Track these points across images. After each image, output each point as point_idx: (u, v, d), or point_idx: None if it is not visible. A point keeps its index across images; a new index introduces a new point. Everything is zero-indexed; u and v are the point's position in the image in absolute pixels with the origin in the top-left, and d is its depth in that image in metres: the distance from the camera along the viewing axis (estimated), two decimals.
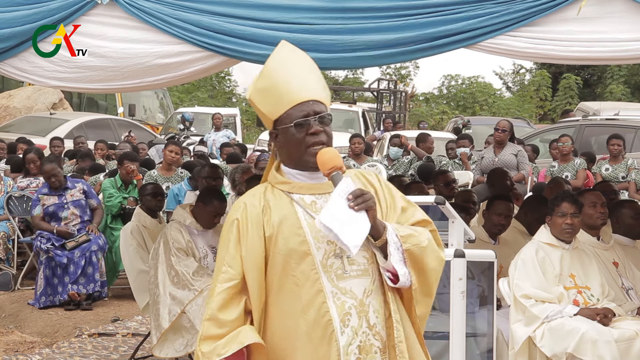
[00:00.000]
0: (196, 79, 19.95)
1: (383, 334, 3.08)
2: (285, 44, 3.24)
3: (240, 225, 3.11)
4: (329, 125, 3.12)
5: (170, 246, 6.32)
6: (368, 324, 3.06)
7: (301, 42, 4.78)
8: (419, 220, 3.15)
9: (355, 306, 3.06)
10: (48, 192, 9.06)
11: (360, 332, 3.06)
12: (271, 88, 3.15)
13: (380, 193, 3.16)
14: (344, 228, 2.97)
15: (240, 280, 3.10)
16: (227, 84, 39.17)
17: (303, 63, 3.19)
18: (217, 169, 9.06)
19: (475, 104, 35.89)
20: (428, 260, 3.08)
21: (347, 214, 2.98)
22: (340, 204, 2.99)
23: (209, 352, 3.05)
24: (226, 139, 17.20)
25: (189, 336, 6.23)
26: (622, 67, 32.08)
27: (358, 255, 3.06)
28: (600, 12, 4.54)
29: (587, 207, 5.93)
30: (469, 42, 4.73)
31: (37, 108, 20.44)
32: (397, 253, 3.04)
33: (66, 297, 8.69)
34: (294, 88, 3.11)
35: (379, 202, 3.13)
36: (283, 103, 3.11)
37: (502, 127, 11.10)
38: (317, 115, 3.08)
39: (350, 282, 3.07)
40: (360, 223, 2.99)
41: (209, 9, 4.96)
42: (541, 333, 5.39)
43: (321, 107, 3.10)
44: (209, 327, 3.09)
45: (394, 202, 3.17)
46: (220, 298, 3.10)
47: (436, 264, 3.11)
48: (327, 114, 3.10)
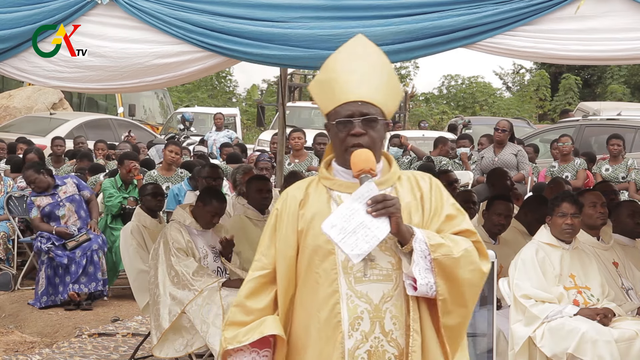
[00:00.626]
0: (196, 79, 19.96)
1: (401, 341, 3.03)
2: (358, 38, 3.19)
3: (279, 215, 3.15)
4: (376, 128, 3.06)
5: (170, 246, 6.32)
6: (382, 330, 3.03)
7: (300, 40, 4.78)
8: (462, 230, 3.08)
9: (368, 311, 3.03)
10: (39, 194, 9.06)
11: (372, 338, 3.03)
12: (328, 82, 3.14)
13: (427, 198, 3.10)
14: (348, 236, 2.94)
15: (272, 271, 3.14)
16: (227, 84, 39.17)
17: (368, 61, 3.13)
18: (217, 169, 9.06)
19: (475, 104, 35.88)
20: (461, 272, 3.01)
21: (359, 220, 2.95)
22: (356, 209, 2.96)
23: (230, 338, 3.12)
24: (227, 139, 17.19)
25: (189, 336, 6.23)
26: (622, 67, 32.07)
27: (383, 260, 3.04)
28: (599, 11, 4.54)
29: (587, 207, 5.93)
30: (467, 42, 4.72)
31: (37, 108, 20.44)
32: (424, 261, 2.98)
33: (67, 296, 8.69)
34: (347, 86, 3.08)
35: (422, 207, 3.09)
36: (334, 99, 3.10)
37: (502, 127, 11.11)
38: (362, 117, 3.04)
39: (368, 286, 3.04)
40: (374, 230, 2.95)
41: (208, 9, 4.96)
42: (541, 333, 5.39)
43: (370, 110, 3.05)
44: (235, 313, 3.17)
45: (441, 209, 3.10)
46: (250, 286, 3.16)
47: (472, 275, 3.03)
48: (373, 117, 3.05)
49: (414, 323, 3.02)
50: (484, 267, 3.06)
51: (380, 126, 3.08)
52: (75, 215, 9.03)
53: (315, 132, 14.26)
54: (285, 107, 9.43)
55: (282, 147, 9.43)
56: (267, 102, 27.73)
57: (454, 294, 3.02)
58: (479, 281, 3.06)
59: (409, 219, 3.06)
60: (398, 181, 3.13)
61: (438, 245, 2.99)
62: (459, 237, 3.06)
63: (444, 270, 3.00)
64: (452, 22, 4.65)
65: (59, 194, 9.05)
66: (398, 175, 3.14)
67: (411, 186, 3.12)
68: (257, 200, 7.18)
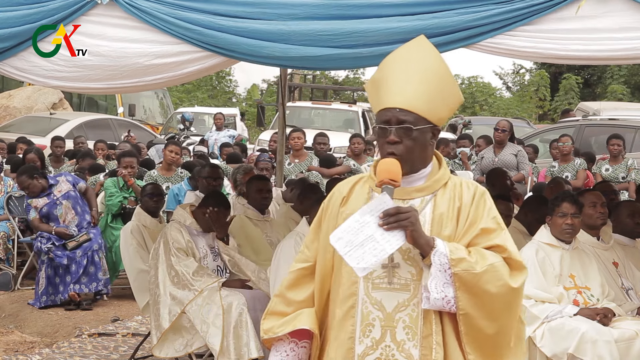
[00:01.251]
0: (195, 79, 19.98)
1: (415, 352, 3.00)
2: (418, 39, 3.16)
3: (324, 210, 3.19)
4: (412, 136, 3.03)
5: (170, 246, 6.31)
6: (394, 339, 3.02)
7: (300, 38, 4.78)
8: (493, 245, 3.02)
9: (380, 319, 3.03)
10: (35, 196, 9.06)
11: (383, 346, 3.03)
12: (378, 83, 3.14)
13: (465, 209, 3.06)
14: (354, 249, 2.94)
15: (314, 264, 3.17)
16: (227, 84, 39.16)
17: (418, 65, 3.10)
18: (218, 169, 9.06)
19: (475, 104, 35.89)
20: (486, 287, 2.96)
21: (368, 233, 2.94)
22: (367, 222, 2.95)
23: (267, 329, 3.17)
24: (228, 139, 17.18)
25: (189, 336, 6.23)
26: (622, 67, 32.05)
27: (404, 270, 3.03)
28: (599, 11, 4.53)
29: (587, 207, 5.93)
30: (468, 42, 4.71)
31: (37, 108, 20.44)
32: (443, 275, 2.96)
33: (67, 296, 8.69)
34: (390, 91, 3.07)
35: (457, 219, 3.05)
36: (379, 102, 3.11)
37: (502, 127, 11.11)
38: (398, 125, 3.03)
39: (383, 294, 3.04)
40: (384, 243, 2.93)
41: (208, 9, 4.96)
42: (541, 333, 5.39)
43: (408, 117, 3.02)
44: (276, 303, 3.21)
45: (479, 221, 3.05)
46: (292, 277, 3.20)
47: (499, 291, 2.97)
48: (408, 127, 3.01)
49: (437, 335, 3.00)
50: (513, 282, 2.99)
51: (420, 134, 3.04)
52: (72, 211, 9.02)
53: (315, 132, 14.26)
54: (285, 107, 9.43)
55: (282, 147, 9.43)
56: (267, 102, 27.72)
57: (480, 308, 2.98)
58: (508, 296, 2.99)
59: (439, 230, 3.04)
60: (443, 188, 3.09)
61: (459, 259, 2.95)
62: (488, 252, 3.01)
63: (465, 285, 2.96)
64: (452, 22, 4.65)
65: (54, 193, 9.05)
66: (444, 182, 3.10)
67: (453, 196, 3.08)
68: (257, 200, 7.18)
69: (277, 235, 7.02)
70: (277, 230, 7.16)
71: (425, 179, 3.10)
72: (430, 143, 3.09)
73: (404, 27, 4.67)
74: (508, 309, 3.02)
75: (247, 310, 6.06)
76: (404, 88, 3.05)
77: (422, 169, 3.09)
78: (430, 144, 3.09)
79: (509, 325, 3.05)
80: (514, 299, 3.02)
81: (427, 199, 3.07)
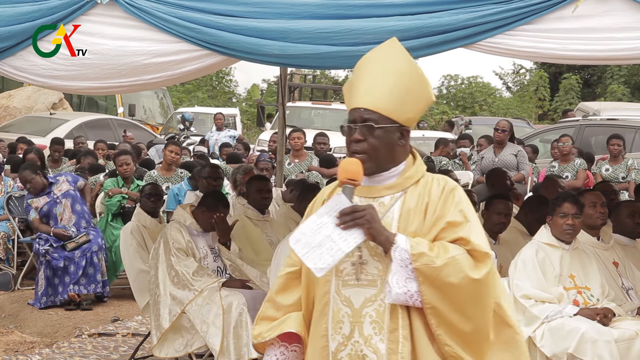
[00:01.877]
0: (195, 78, 19.97)
1: (381, 347, 3.04)
2: (389, 42, 3.21)
3: (308, 214, 3.24)
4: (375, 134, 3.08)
5: (170, 246, 6.31)
6: (362, 335, 3.07)
7: (299, 36, 4.78)
8: (457, 238, 3.05)
9: (349, 315, 3.09)
10: (36, 195, 9.07)
11: (352, 341, 3.08)
12: (349, 85, 3.22)
13: (433, 205, 3.08)
14: (312, 250, 2.98)
15: (300, 267, 3.19)
16: (227, 84, 39.16)
17: (386, 66, 3.15)
18: (218, 169, 9.05)
19: (475, 104, 35.88)
20: (447, 280, 2.98)
21: (326, 233, 2.99)
22: (324, 222, 3.01)
23: (257, 334, 3.22)
24: (228, 139, 17.17)
25: (189, 336, 6.23)
26: (622, 67, 32.03)
27: (371, 266, 3.07)
28: (599, 11, 4.53)
29: (587, 207, 5.92)
30: (467, 42, 4.71)
31: (37, 108, 20.44)
32: (404, 270, 2.99)
33: (66, 297, 8.69)
34: (357, 91, 3.15)
35: (425, 214, 3.07)
36: (349, 103, 3.19)
37: (502, 127, 11.11)
38: (362, 123, 3.09)
39: (351, 291, 3.09)
40: (340, 242, 2.97)
41: (208, 8, 4.95)
42: (541, 333, 5.39)
43: (372, 116, 3.08)
44: (266, 309, 3.25)
45: (445, 215, 3.07)
46: (280, 281, 3.24)
47: (460, 282, 2.98)
48: (370, 125, 3.07)
49: (404, 330, 3.04)
50: (475, 274, 2.99)
51: (383, 132, 3.09)
52: (71, 210, 9.02)
53: (315, 132, 14.26)
54: (285, 107, 9.43)
55: (282, 147, 9.43)
56: (267, 102, 27.71)
57: (446, 302, 3.00)
58: (471, 288, 2.99)
59: (405, 226, 3.08)
60: (414, 185, 3.13)
61: (420, 254, 2.98)
62: (451, 245, 3.03)
63: (428, 279, 2.99)
64: (451, 21, 4.65)
65: (54, 192, 9.06)
66: (417, 179, 3.14)
67: (422, 192, 3.11)
68: (257, 200, 7.18)
69: (277, 236, 7.02)
70: (277, 231, 7.16)
71: (397, 177, 3.14)
72: (399, 143, 3.13)
73: (403, 26, 4.68)
74: (475, 301, 3.01)
75: (247, 310, 6.06)
76: (370, 89, 3.12)
77: (393, 168, 3.14)
78: (400, 144, 3.14)
79: (482, 317, 3.04)
80: (479, 291, 3.01)
81: (397, 196, 3.12)
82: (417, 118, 3.19)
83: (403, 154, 3.16)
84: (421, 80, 3.15)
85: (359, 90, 3.14)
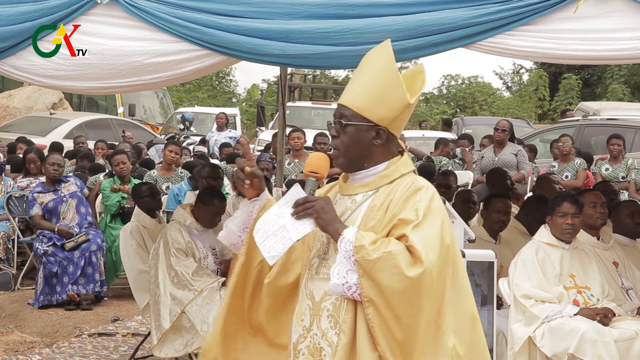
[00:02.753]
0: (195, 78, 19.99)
1: (335, 340, 3.08)
2: (382, 43, 3.25)
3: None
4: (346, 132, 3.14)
5: (170, 246, 6.32)
6: (319, 328, 3.12)
7: (299, 36, 4.78)
8: (401, 234, 3.03)
9: (310, 307, 3.16)
10: (43, 190, 9.11)
11: (311, 334, 3.14)
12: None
13: (394, 203, 3.09)
14: (268, 238, 3.08)
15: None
16: (227, 84, 39.16)
17: (369, 66, 3.21)
18: (218, 169, 9.04)
19: (475, 104, 35.89)
20: (380, 274, 2.96)
21: (281, 223, 3.08)
22: (282, 213, 3.10)
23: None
24: (228, 139, 17.16)
25: (189, 336, 6.23)
26: (622, 67, 32.05)
27: (332, 260, 3.11)
28: (599, 11, 4.53)
29: (587, 207, 5.93)
30: (467, 41, 4.71)
31: (37, 108, 20.44)
32: (348, 262, 3.02)
33: (65, 297, 8.69)
34: (346, 89, 3.23)
35: (385, 212, 3.09)
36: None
37: (502, 127, 11.12)
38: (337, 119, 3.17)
39: (314, 284, 3.17)
40: (291, 232, 3.07)
41: (208, 8, 4.95)
42: (541, 333, 5.39)
43: (346, 113, 3.15)
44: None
45: (400, 213, 3.07)
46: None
47: (393, 280, 2.95)
48: (340, 121, 3.15)
49: (344, 323, 3.06)
50: (409, 272, 2.94)
51: (355, 130, 3.14)
52: (75, 210, 9.04)
53: (315, 132, 14.26)
54: (285, 107, 9.43)
55: (282, 147, 9.43)
56: (267, 102, 27.72)
57: (380, 297, 2.97)
58: (403, 285, 2.94)
59: (366, 222, 3.11)
60: (388, 185, 3.15)
61: (360, 246, 3.00)
62: (393, 241, 3.01)
63: (365, 272, 2.99)
64: (450, 20, 4.65)
65: (61, 190, 9.09)
66: (392, 179, 3.16)
67: (391, 191, 3.14)
68: None
69: None
70: None
71: (374, 177, 3.18)
72: (375, 142, 3.16)
73: (403, 26, 4.68)
74: (407, 301, 2.95)
75: None
76: (350, 87, 3.22)
77: (372, 167, 3.19)
78: (375, 143, 3.16)
79: (413, 320, 2.97)
80: (410, 289, 2.95)
81: (369, 194, 3.16)
82: (392, 118, 3.16)
83: (383, 153, 3.19)
84: (395, 79, 3.16)
85: (347, 88, 3.23)
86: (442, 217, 3.07)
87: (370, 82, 3.17)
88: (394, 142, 3.22)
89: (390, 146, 3.20)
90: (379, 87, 3.15)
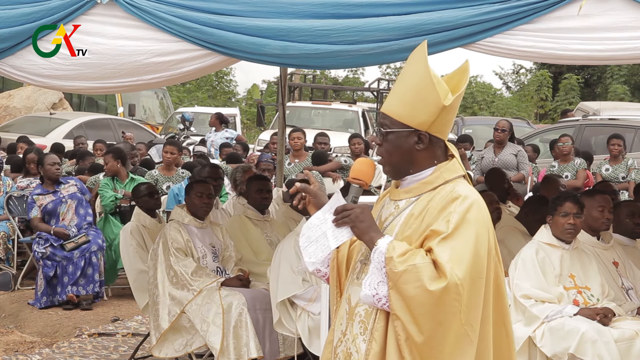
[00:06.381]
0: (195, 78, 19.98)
1: (362, 347, 3.06)
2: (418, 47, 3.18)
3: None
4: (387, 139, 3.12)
5: (169, 246, 6.32)
6: (351, 333, 3.12)
7: (299, 35, 4.78)
8: (428, 247, 2.98)
9: (347, 312, 3.16)
10: (42, 192, 9.10)
11: (346, 339, 3.14)
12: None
13: (431, 212, 3.03)
14: (310, 244, 3.09)
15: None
16: (227, 84, 39.15)
17: (405, 71, 3.18)
18: (218, 169, 9.04)
19: (475, 104, 35.88)
20: (404, 286, 2.93)
21: (323, 230, 3.08)
22: (325, 219, 3.09)
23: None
24: (225, 140, 17.13)
25: (189, 336, 6.23)
26: (622, 67, 32.03)
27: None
28: (599, 11, 4.52)
29: (594, 209, 5.89)
30: (466, 41, 4.70)
31: (37, 108, 20.43)
32: (380, 273, 2.99)
33: (65, 297, 8.69)
34: (387, 96, 3.22)
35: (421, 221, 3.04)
36: None
37: (502, 127, 11.12)
38: (378, 129, 3.17)
39: (353, 289, 3.16)
40: (331, 239, 3.07)
41: (208, 7, 4.95)
42: (541, 333, 5.38)
43: (386, 121, 3.13)
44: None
45: (433, 223, 3.01)
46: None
47: (416, 293, 2.91)
48: (380, 129, 3.13)
49: (376, 332, 3.04)
50: (431, 286, 2.89)
51: (396, 137, 3.10)
52: (73, 210, 9.04)
53: (315, 132, 14.25)
54: (285, 107, 9.43)
55: (282, 147, 9.43)
56: (267, 102, 27.71)
57: (406, 311, 2.94)
58: (425, 299, 2.90)
59: (404, 230, 3.07)
60: (430, 192, 3.09)
61: (390, 258, 2.96)
62: (420, 253, 2.97)
63: (394, 284, 2.95)
64: (450, 19, 4.64)
65: (61, 192, 9.09)
66: (435, 186, 3.09)
67: (431, 199, 3.07)
68: (257, 200, 7.17)
69: (277, 235, 7.02)
70: (277, 230, 7.16)
71: (417, 183, 3.13)
72: (417, 147, 3.10)
73: (402, 25, 4.67)
74: (430, 316, 2.91)
75: (246, 310, 6.07)
76: (392, 94, 3.18)
77: (418, 172, 3.13)
78: (418, 148, 3.10)
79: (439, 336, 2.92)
80: (433, 305, 2.90)
81: (411, 201, 3.12)
82: (431, 121, 3.08)
83: (428, 158, 3.12)
84: (427, 81, 3.09)
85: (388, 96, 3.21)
86: (477, 229, 2.99)
87: (404, 87, 3.13)
88: (440, 146, 3.14)
89: (436, 150, 3.12)
90: (412, 91, 3.10)
